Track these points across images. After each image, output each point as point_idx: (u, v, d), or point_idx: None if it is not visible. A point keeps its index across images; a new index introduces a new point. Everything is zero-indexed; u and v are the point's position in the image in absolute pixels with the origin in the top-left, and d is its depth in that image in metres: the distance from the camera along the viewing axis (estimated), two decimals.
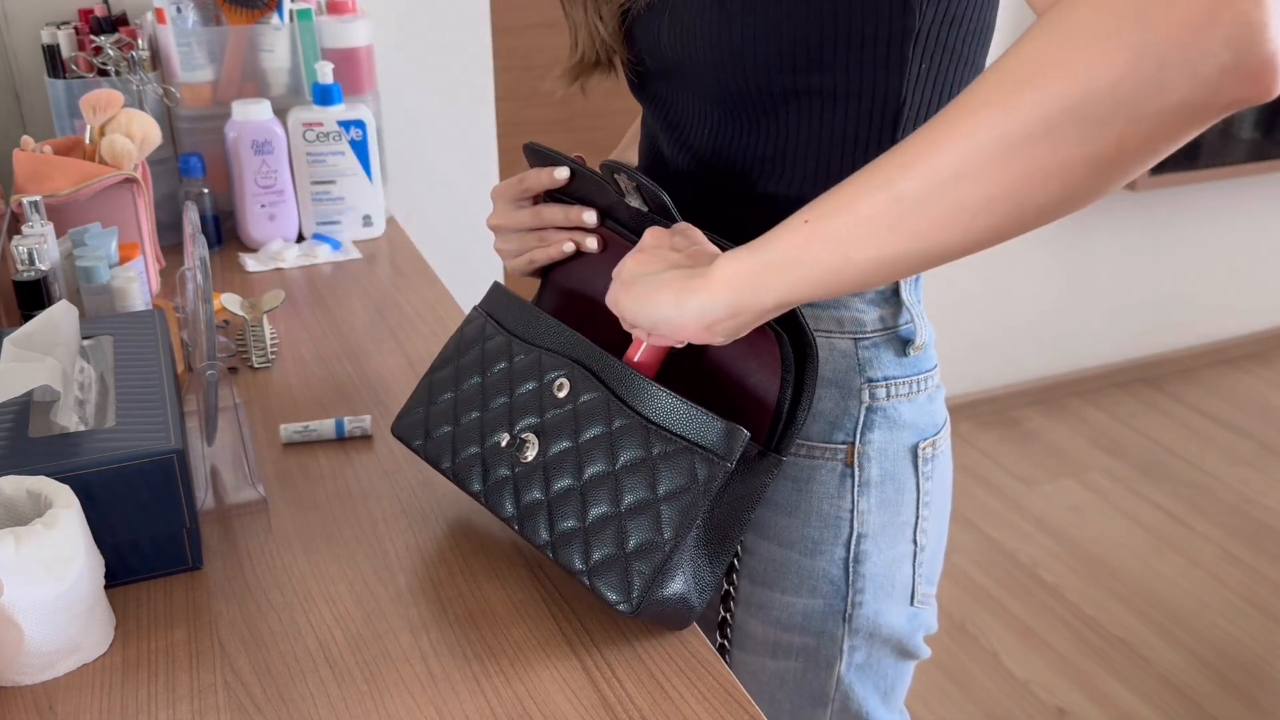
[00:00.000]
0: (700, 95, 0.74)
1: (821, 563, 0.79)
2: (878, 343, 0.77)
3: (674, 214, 0.70)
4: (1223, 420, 2.85)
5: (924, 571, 0.83)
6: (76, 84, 1.34)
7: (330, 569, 0.77)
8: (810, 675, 0.82)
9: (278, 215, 1.43)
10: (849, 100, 0.69)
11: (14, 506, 0.68)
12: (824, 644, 0.81)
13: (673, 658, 0.68)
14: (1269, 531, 2.37)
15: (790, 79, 0.69)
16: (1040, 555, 2.29)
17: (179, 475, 0.73)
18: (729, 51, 0.69)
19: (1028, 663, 1.98)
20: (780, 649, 0.82)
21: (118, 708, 0.65)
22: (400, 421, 0.82)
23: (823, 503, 0.78)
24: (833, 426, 0.77)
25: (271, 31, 1.43)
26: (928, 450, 0.80)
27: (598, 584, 0.67)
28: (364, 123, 1.42)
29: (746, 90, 0.70)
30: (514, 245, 0.82)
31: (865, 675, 0.83)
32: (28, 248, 0.99)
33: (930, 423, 0.80)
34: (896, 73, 0.68)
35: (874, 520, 0.79)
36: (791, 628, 0.81)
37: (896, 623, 0.82)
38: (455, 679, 0.67)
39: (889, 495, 0.79)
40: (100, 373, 0.85)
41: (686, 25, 0.70)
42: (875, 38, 0.67)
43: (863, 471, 0.78)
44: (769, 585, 0.80)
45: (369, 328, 1.19)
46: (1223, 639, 2.05)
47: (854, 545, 0.79)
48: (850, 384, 0.77)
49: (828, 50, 0.67)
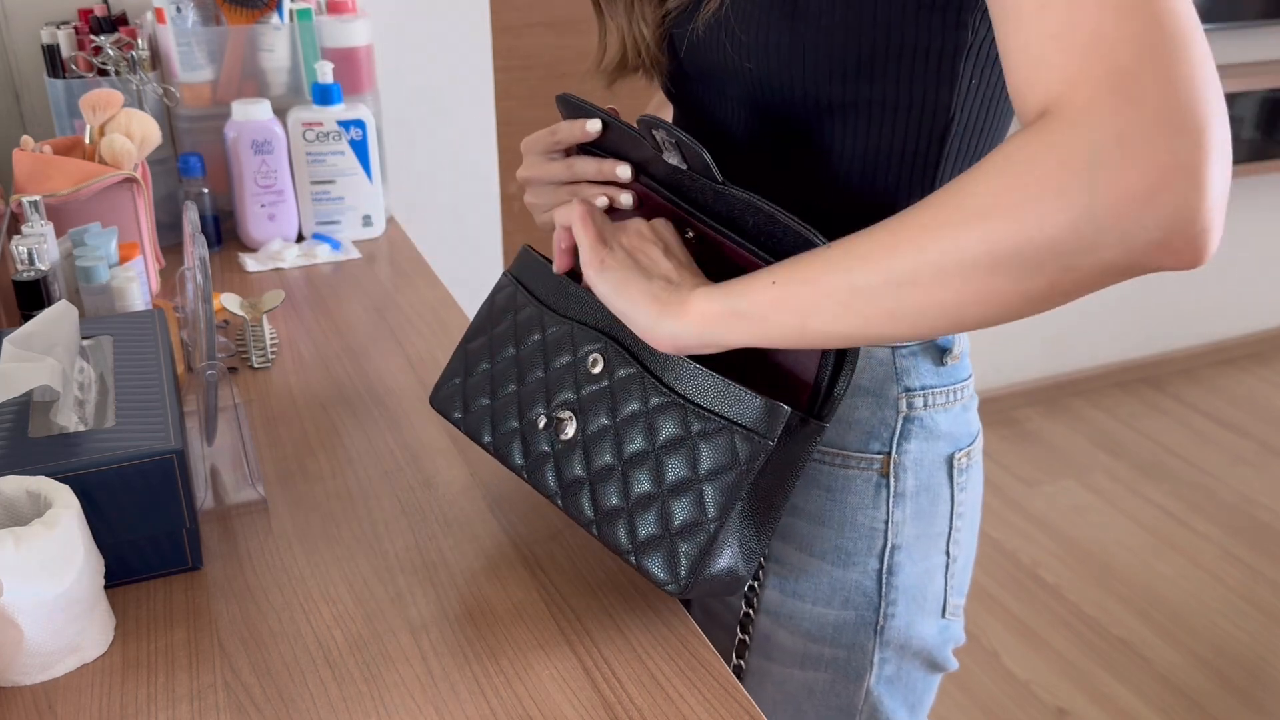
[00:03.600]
0: (742, 103, 0.73)
1: (854, 574, 0.78)
2: (915, 351, 0.76)
3: (715, 174, 0.69)
4: (1223, 420, 2.85)
5: (955, 583, 0.82)
6: (76, 84, 1.34)
7: (330, 569, 0.77)
8: (839, 687, 0.81)
9: (277, 215, 1.43)
10: (898, 113, 0.68)
11: (14, 506, 0.68)
12: (854, 656, 0.80)
13: (673, 658, 0.68)
14: (1269, 531, 2.37)
15: (840, 89, 0.68)
16: (1040, 555, 2.29)
17: (179, 475, 0.73)
18: (779, 60, 0.68)
19: (1028, 663, 1.98)
20: (809, 660, 0.81)
21: (118, 708, 0.65)
22: (438, 393, 0.80)
23: (857, 513, 0.77)
24: (869, 436, 0.76)
25: (271, 31, 1.43)
26: (963, 461, 0.79)
27: (645, 563, 0.67)
28: (364, 123, 1.42)
29: (794, 99, 0.69)
30: (545, 198, 0.80)
31: (894, 688, 0.82)
32: (28, 248, 0.99)
33: (965, 433, 0.79)
34: (947, 87, 0.68)
35: (908, 531, 0.78)
36: (822, 639, 0.80)
37: (927, 635, 0.81)
38: (455, 679, 0.67)
39: (923, 506, 0.78)
40: (100, 373, 0.85)
41: (732, 32, 0.69)
42: (928, 50, 0.66)
43: (898, 482, 0.77)
44: (799, 596, 0.79)
45: (369, 328, 1.19)
46: (1223, 639, 2.05)
47: (888, 557, 0.78)
48: (887, 393, 0.76)
49: (879, 61, 0.66)
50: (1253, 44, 2.72)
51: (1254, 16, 2.64)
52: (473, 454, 0.92)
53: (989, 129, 0.72)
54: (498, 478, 0.89)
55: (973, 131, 0.71)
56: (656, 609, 0.73)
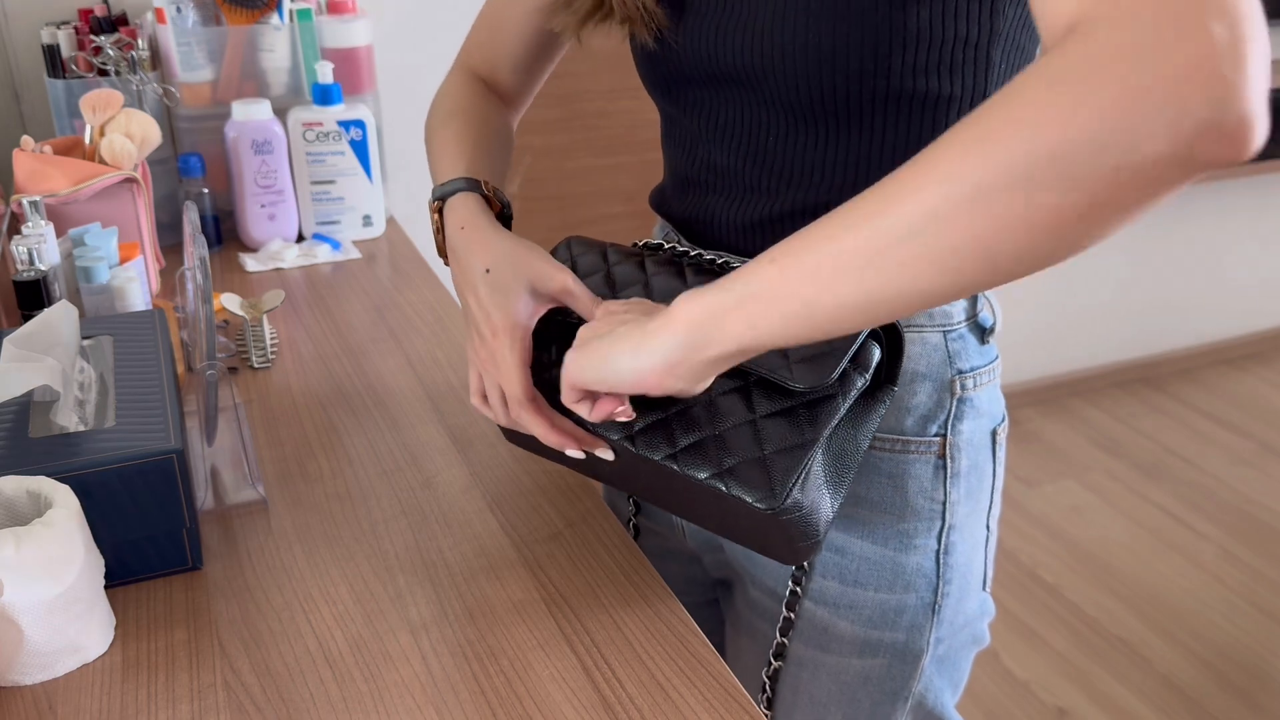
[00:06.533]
0: (768, 105, 0.72)
1: (916, 558, 0.79)
2: (963, 334, 0.78)
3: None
4: (1223, 420, 2.85)
5: (991, 555, 0.85)
6: (76, 84, 1.34)
7: (330, 569, 0.77)
8: (895, 670, 0.82)
9: (277, 215, 1.43)
10: (938, 106, 0.68)
11: (14, 506, 0.68)
12: (913, 638, 0.81)
13: (673, 658, 0.68)
14: (1269, 531, 2.37)
15: (884, 84, 0.67)
16: (1040, 555, 2.29)
17: (179, 475, 0.73)
18: (821, 61, 0.67)
19: (1028, 663, 1.98)
20: (869, 647, 0.81)
21: (118, 708, 0.65)
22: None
23: (918, 497, 0.78)
24: (927, 420, 0.77)
25: (271, 31, 1.43)
26: (1000, 435, 0.81)
27: (732, 485, 0.64)
28: (364, 123, 1.42)
29: (834, 98, 0.69)
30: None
31: (943, 667, 0.83)
32: (28, 248, 0.99)
33: (1000, 409, 0.82)
34: (983, 75, 0.68)
35: (961, 510, 0.79)
36: (884, 625, 0.80)
37: (971, 609, 0.83)
38: (455, 679, 0.67)
39: (973, 484, 0.80)
40: (100, 373, 0.85)
41: (763, 33, 0.69)
42: (966, 40, 0.66)
43: (954, 462, 0.78)
44: (862, 584, 0.80)
45: (369, 328, 1.19)
46: (1223, 639, 2.05)
47: (945, 537, 0.79)
48: (943, 377, 0.77)
49: (922, 53, 0.66)
50: None
51: None
52: (472, 454, 0.92)
53: None
54: (498, 478, 0.89)
55: None
56: (656, 609, 0.73)
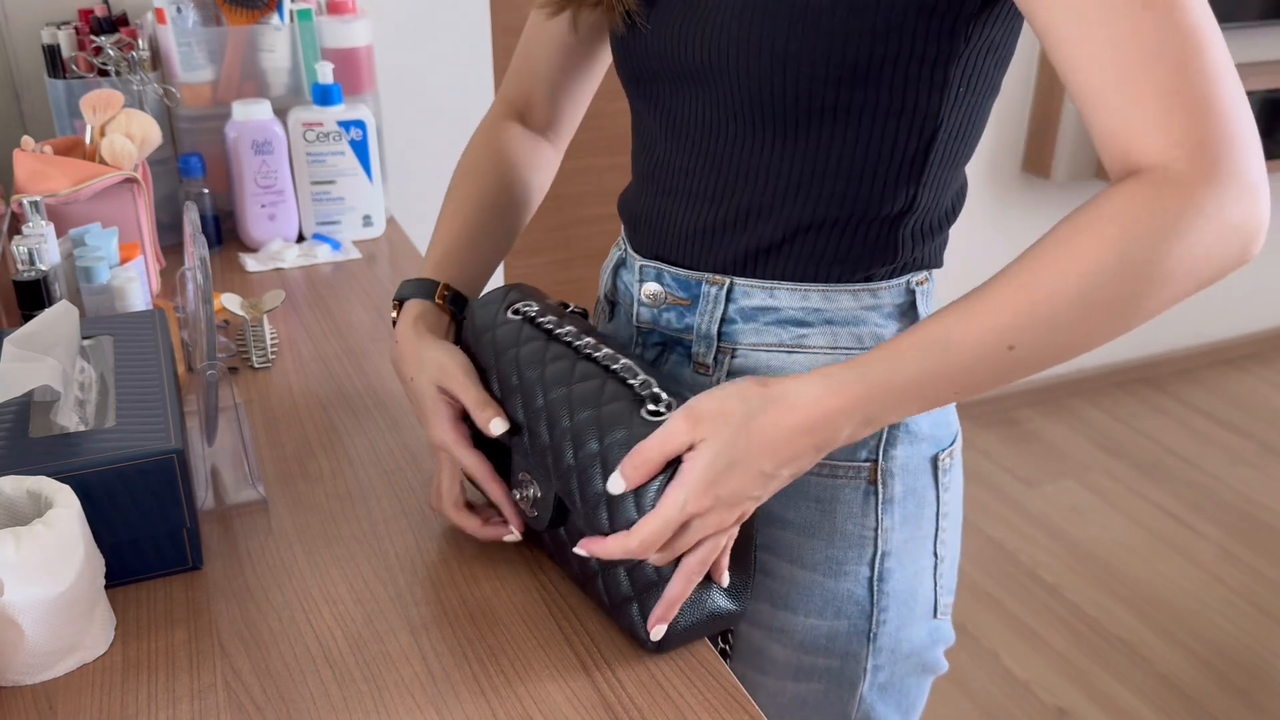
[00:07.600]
0: (721, 105, 0.72)
1: (846, 584, 0.78)
2: None
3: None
4: (1223, 420, 2.85)
5: (944, 583, 0.82)
6: (76, 84, 1.34)
7: (330, 569, 0.77)
8: (833, 696, 0.81)
9: (278, 215, 1.43)
10: (889, 118, 0.69)
11: (14, 506, 0.68)
12: (848, 665, 0.80)
13: (673, 657, 0.68)
14: (1269, 531, 2.37)
15: (834, 93, 0.67)
16: (1040, 555, 2.29)
17: (179, 475, 0.73)
18: (774, 60, 0.67)
19: (1028, 663, 1.98)
20: (803, 672, 0.81)
21: (118, 708, 0.65)
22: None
23: (847, 522, 0.77)
24: (856, 445, 0.75)
25: (271, 31, 1.43)
26: (946, 461, 0.79)
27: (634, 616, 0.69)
28: (364, 123, 1.42)
29: (785, 102, 0.69)
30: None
31: (887, 694, 0.82)
32: (28, 248, 0.99)
33: (947, 433, 0.80)
34: (938, 93, 0.68)
35: (897, 537, 0.78)
36: (815, 650, 0.80)
37: (918, 638, 0.81)
38: (455, 679, 0.67)
39: (910, 510, 0.78)
40: (100, 373, 0.85)
41: (723, 29, 0.69)
42: (923, 57, 0.66)
43: (886, 488, 0.76)
44: (791, 609, 0.79)
45: (369, 328, 1.19)
46: (1223, 639, 2.05)
47: (878, 564, 0.78)
48: None
49: (875, 66, 0.66)
50: (1253, 44, 2.72)
51: (1254, 17, 2.64)
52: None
53: (970, 134, 0.73)
54: None
55: (956, 137, 0.72)
56: None
